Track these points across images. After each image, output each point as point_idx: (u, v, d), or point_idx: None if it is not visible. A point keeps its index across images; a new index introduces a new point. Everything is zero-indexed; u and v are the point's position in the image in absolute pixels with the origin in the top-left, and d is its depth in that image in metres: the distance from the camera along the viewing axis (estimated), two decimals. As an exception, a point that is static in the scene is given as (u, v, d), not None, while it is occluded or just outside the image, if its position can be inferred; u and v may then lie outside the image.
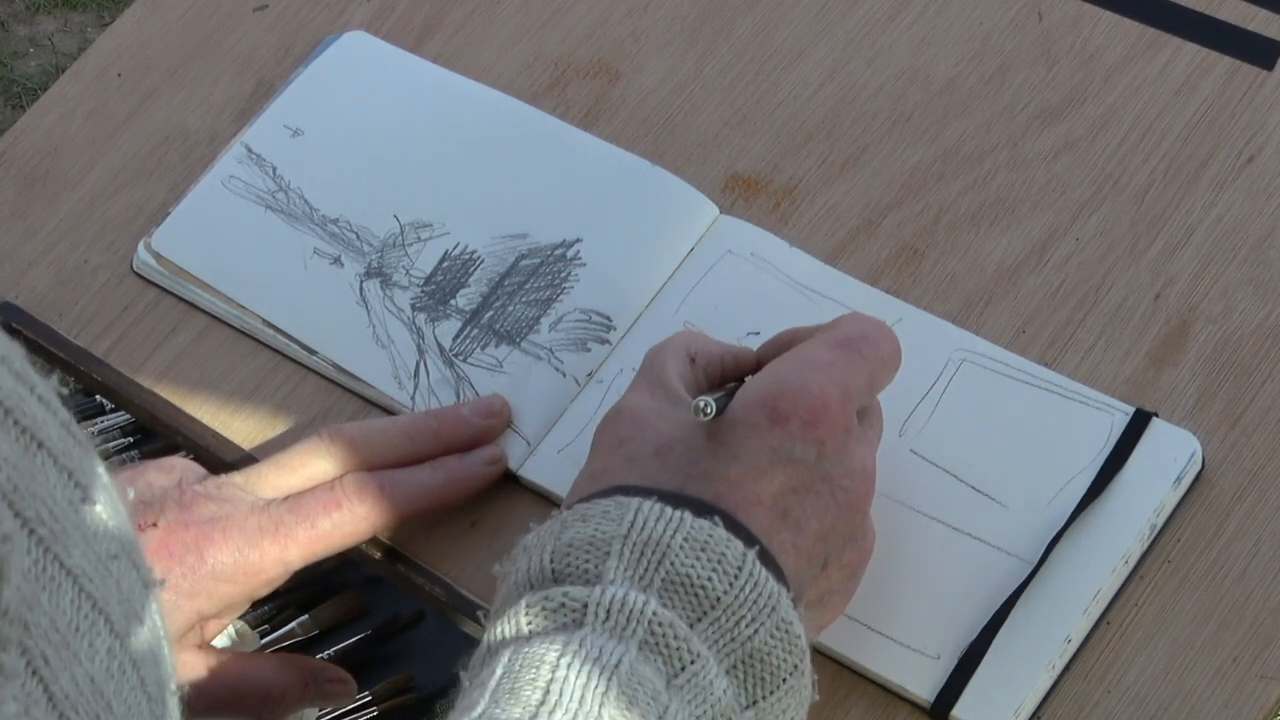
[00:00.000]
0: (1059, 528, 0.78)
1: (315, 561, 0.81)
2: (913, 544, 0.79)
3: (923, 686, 0.76)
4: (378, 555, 0.85)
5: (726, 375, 0.79)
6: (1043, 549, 0.78)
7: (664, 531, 0.68)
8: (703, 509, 0.70)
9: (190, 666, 0.80)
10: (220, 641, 0.83)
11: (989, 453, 0.81)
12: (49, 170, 1.00)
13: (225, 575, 0.78)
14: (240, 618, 0.84)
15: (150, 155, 0.99)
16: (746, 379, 0.77)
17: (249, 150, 0.96)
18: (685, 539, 0.68)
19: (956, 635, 0.77)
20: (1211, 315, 0.85)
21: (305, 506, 0.79)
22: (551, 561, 0.69)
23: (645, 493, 0.70)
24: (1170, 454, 0.79)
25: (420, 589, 0.84)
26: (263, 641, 1.09)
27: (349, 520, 0.80)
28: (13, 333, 0.96)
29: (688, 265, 0.89)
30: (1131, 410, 0.81)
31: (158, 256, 0.94)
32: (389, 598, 1.14)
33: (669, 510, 0.69)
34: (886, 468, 0.81)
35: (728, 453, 0.72)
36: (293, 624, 1.12)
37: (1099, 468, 0.79)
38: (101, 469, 0.46)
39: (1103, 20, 0.94)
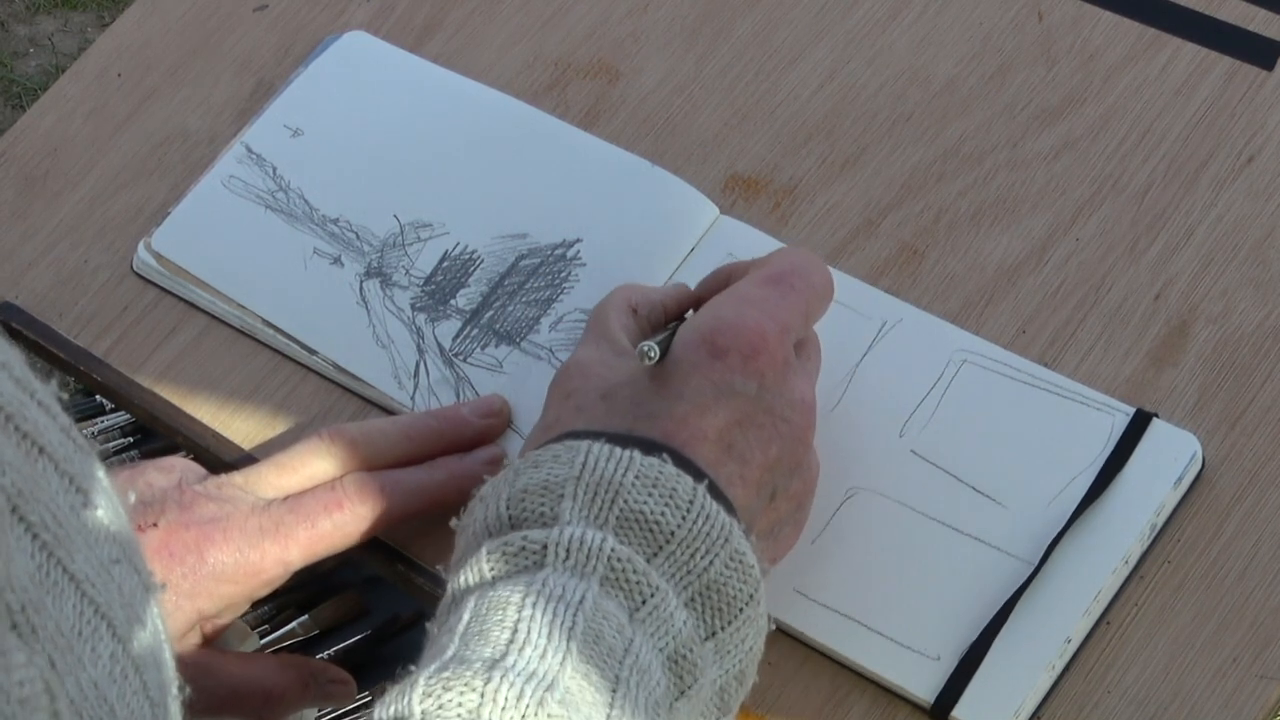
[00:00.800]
0: (1059, 528, 0.78)
1: (315, 561, 0.81)
2: (913, 544, 0.79)
3: (923, 687, 0.76)
4: (378, 555, 0.85)
5: (669, 318, 0.81)
6: (1043, 550, 0.78)
7: (615, 470, 0.69)
8: (651, 447, 0.71)
9: (190, 667, 0.79)
10: (220, 641, 0.83)
11: (989, 453, 0.81)
12: (49, 170, 1.00)
13: (226, 575, 0.78)
14: (240, 617, 0.84)
15: (150, 155, 0.99)
16: (686, 317, 0.78)
17: (249, 150, 0.96)
18: (636, 476, 0.69)
19: (956, 636, 0.77)
20: (1211, 315, 0.85)
21: (306, 507, 0.80)
22: (508, 508, 0.70)
23: (594, 435, 0.72)
24: (1170, 455, 0.79)
25: (420, 589, 0.84)
26: (262, 641, 1.09)
27: (350, 520, 0.80)
28: (13, 333, 0.96)
29: (688, 265, 0.89)
30: (1132, 411, 0.81)
31: (158, 256, 0.94)
32: (389, 598, 1.14)
33: (618, 450, 0.70)
34: (887, 468, 0.81)
35: (671, 391, 0.74)
36: (293, 624, 1.12)
37: (1099, 468, 0.79)
38: (102, 473, 0.46)
39: (1103, 20, 0.94)
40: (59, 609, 0.41)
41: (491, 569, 0.67)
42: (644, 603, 0.67)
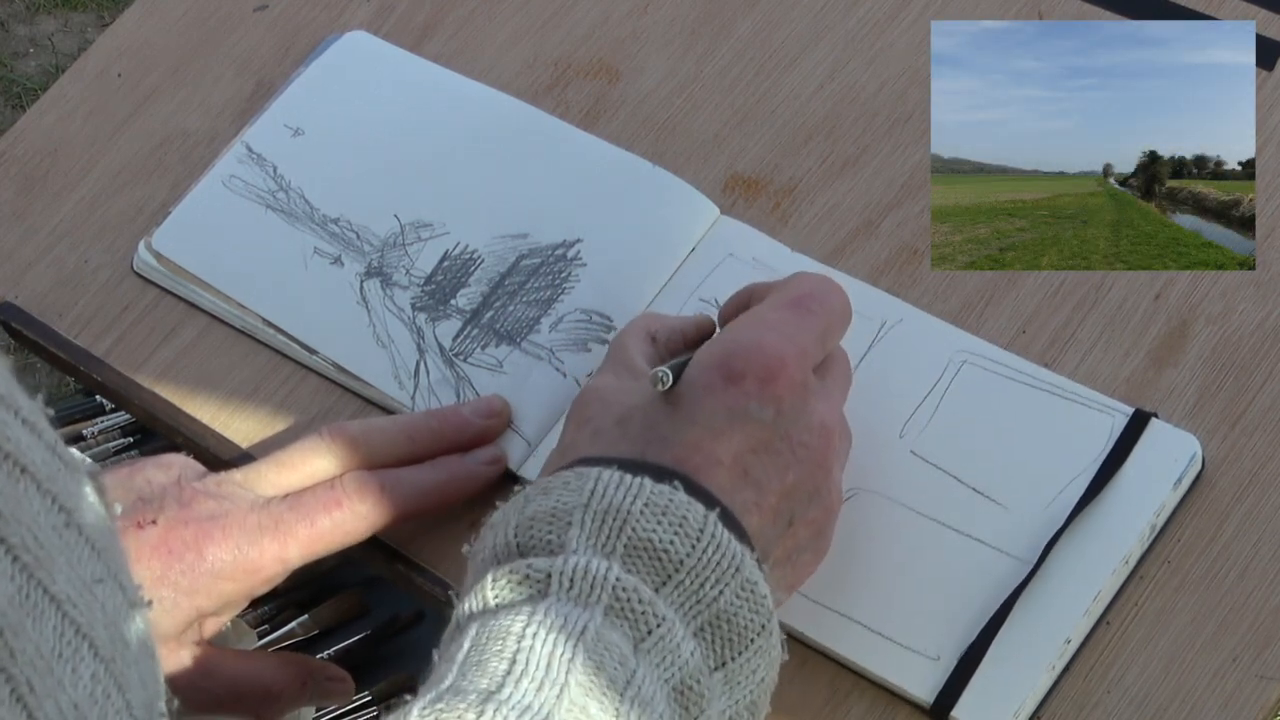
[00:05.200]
0: (1059, 529, 0.78)
1: (314, 560, 0.81)
2: (913, 545, 0.79)
3: (922, 687, 0.76)
4: (378, 555, 0.85)
5: (689, 345, 0.80)
6: (1042, 550, 0.78)
7: (624, 498, 0.69)
8: (663, 474, 0.70)
9: (189, 664, 0.80)
10: (218, 639, 0.83)
11: (989, 454, 0.81)
12: (49, 170, 1.00)
13: (224, 573, 0.78)
14: (240, 617, 0.84)
15: (150, 155, 0.99)
16: (704, 344, 0.77)
17: (249, 150, 0.96)
18: (646, 504, 0.69)
19: (956, 636, 0.77)
20: (1211, 315, 0.85)
21: (305, 505, 0.80)
22: (516, 535, 0.69)
23: (605, 462, 0.71)
24: (1170, 455, 0.79)
25: (420, 589, 0.84)
26: (262, 641, 1.09)
27: (349, 519, 0.80)
28: (13, 333, 0.96)
29: (688, 265, 0.89)
30: (1131, 411, 0.81)
31: (158, 256, 0.94)
32: (389, 598, 1.14)
33: (628, 477, 0.69)
34: (887, 468, 0.81)
35: (685, 416, 0.73)
36: (293, 624, 1.12)
37: (1098, 469, 0.79)
38: (89, 489, 0.46)
39: (1102, 20, 0.94)
40: (39, 631, 0.41)
41: (495, 597, 0.67)
42: (649, 633, 0.66)
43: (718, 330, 0.82)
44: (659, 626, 0.66)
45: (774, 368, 0.73)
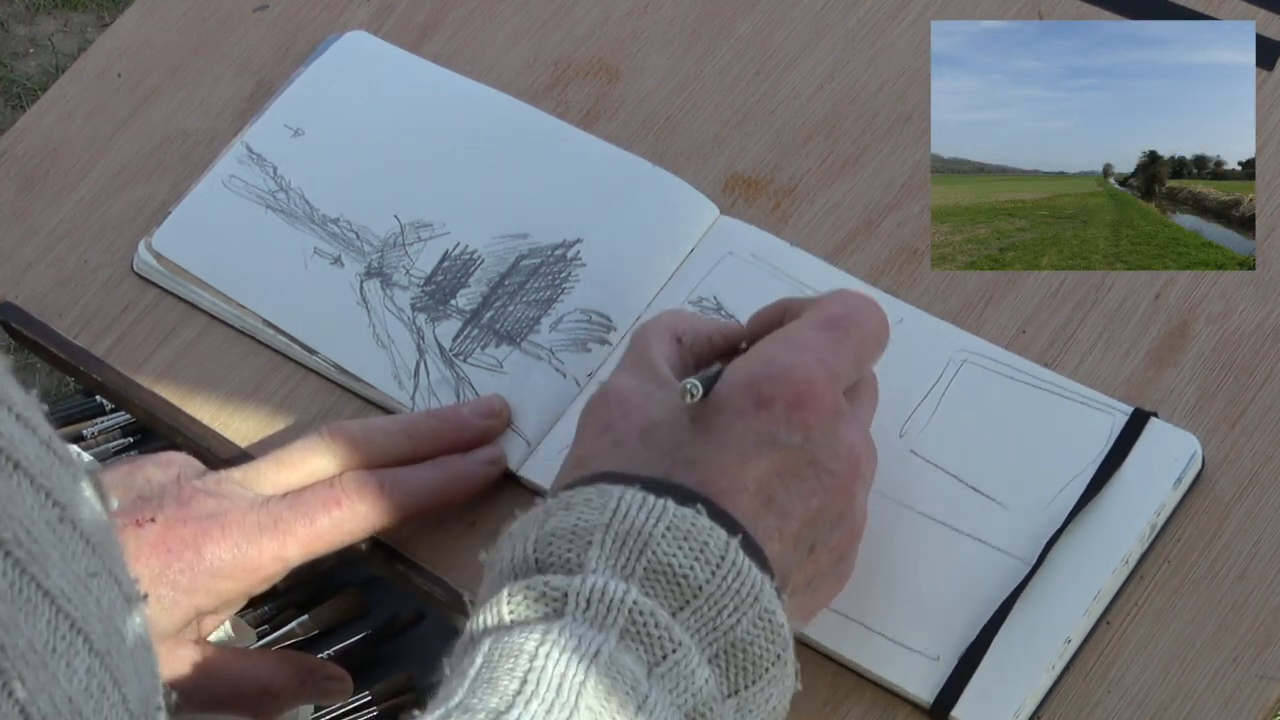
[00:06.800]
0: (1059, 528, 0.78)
1: (313, 559, 0.81)
2: (913, 545, 0.79)
3: (922, 687, 0.76)
4: (378, 555, 0.85)
5: (715, 353, 0.79)
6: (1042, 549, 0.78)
7: (646, 520, 0.68)
8: (686, 497, 0.69)
9: (188, 663, 0.80)
10: (217, 637, 0.83)
11: (989, 453, 0.81)
12: (49, 170, 1.00)
13: (223, 572, 0.78)
14: (240, 616, 0.84)
15: (150, 155, 0.99)
16: (735, 360, 0.76)
17: (249, 150, 0.96)
18: (668, 528, 0.68)
19: (956, 636, 0.77)
20: (1211, 315, 0.85)
21: (304, 504, 0.80)
22: (534, 550, 0.68)
23: (629, 480, 0.70)
24: (1171, 455, 0.79)
25: (420, 589, 0.84)
26: (262, 641, 1.10)
27: (348, 518, 0.80)
28: (13, 333, 0.97)
29: (688, 265, 0.89)
30: (1130, 410, 0.81)
31: (158, 256, 0.94)
32: (389, 598, 1.14)
33: (651, 499, 0.68)
34: (887, 468, 0.81)
35: (713, 438, 0.72)
36: (293, 624, 1.12)
37: (1098, 468, 0.79)
38: (84, 483, 0.46)
39: (1102, 20, 0.94)
40: (32, 626, 0.41)
41: (511, 612, 0.66)
42: (664, 658, 0.65)
43: (744, 342, 0.80)
44: (674, 651, 0.65)
45: (804, 394, 0.72)
